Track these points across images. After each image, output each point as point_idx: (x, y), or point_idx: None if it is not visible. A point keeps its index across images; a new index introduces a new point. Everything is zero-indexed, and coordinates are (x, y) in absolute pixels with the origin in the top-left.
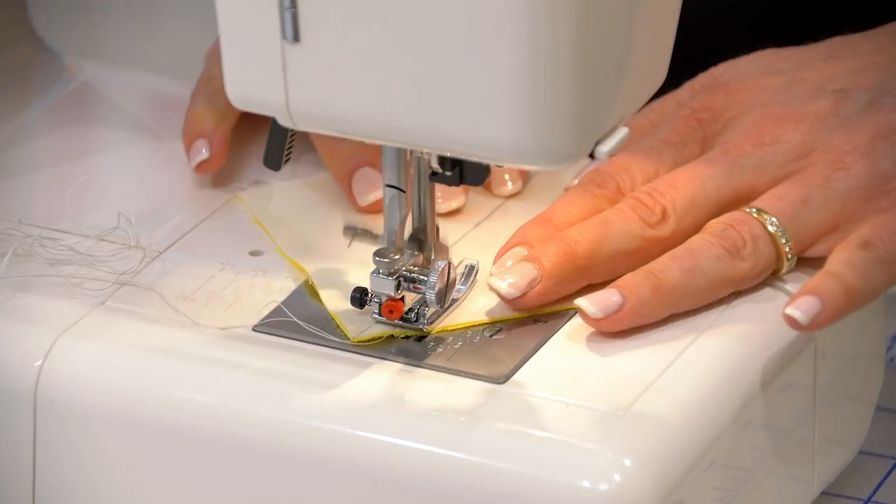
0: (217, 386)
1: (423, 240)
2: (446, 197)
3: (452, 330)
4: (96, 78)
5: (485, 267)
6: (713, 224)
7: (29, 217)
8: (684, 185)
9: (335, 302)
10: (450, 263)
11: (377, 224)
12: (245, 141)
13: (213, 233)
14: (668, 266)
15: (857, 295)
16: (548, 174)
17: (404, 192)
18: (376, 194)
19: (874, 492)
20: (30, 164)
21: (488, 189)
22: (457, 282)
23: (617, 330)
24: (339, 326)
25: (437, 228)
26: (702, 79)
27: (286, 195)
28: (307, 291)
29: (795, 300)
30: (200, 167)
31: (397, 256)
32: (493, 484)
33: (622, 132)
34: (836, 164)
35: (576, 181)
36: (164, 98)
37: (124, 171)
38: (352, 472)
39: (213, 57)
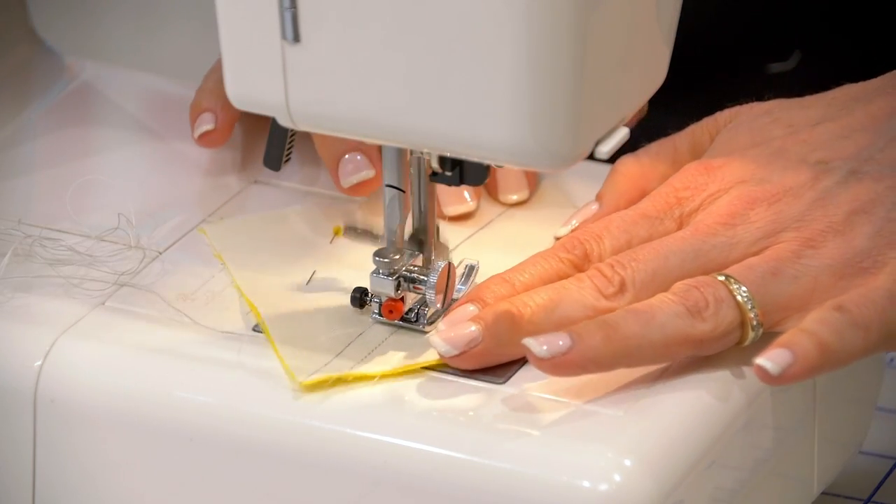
0: (217, 386)
1: (423, 240)
2: (454, 201)
3: (401, 374)
4: (96, 78)
5: (485, 268)
6: (678, 284)
7: (29, 217)
8: (648, 258)
9: (286, 343)
10: (450, 263)
11: (377, 224)
12: (246, 140)
13: None
14: (623, 317)
15: (831, 353)
16: (555, 179)
17: (404, 191)
18: (359, 176)
19: (874, 492)
20: (30, 164)
21: (494, 196)
22: (457, 282)
23: (563, 375)
24: (284, 369)
25: (438, 228)
26: (706, 125)
27: (251, 228)
28: (262, 331)
29: (767, 351)
30: (203, 138)
31: (397, 256)
32: (493, 484)
33: (622, 132)
34: (809, 241)
35: (564, 229)
36: (164, 98)
37: (124, 171)
38: (352, 472)
39: None
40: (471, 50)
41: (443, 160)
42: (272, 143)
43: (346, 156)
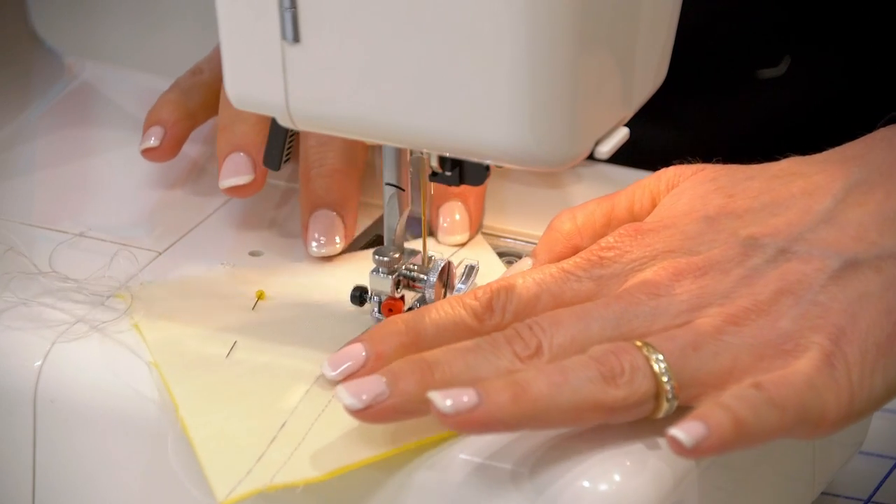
0: None
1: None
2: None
3: (330, 477)
4: (96, 78)
5: (484, 269)
6: (596, 347)
7: (29, 217)
8: (569, 323)
9: (207, 446)
10: (449, 262)
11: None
12: None
13: (213, 233)
14: (534, 377)
15: (745, 430)
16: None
17: (404, 190)
18: (234, 181)
19: (874, 492)
20: (30, 164)
21: (435, 236)
22: (456, 281)
23: (467, 433)
24: (207, 481)
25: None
26: (647, 185)
27: (173, 293)
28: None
29: (681, 423)
30: (146, 154)
31: (396, 255)
32: (493, 484)
33: (622, 132)
34: (732, 318)
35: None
36: None
37: (124, 171)
38: (352, 471)
39: (218, 48)
40: (470, 50)
41: (443, 160)
42: (272, 143)
43: (231, 155)
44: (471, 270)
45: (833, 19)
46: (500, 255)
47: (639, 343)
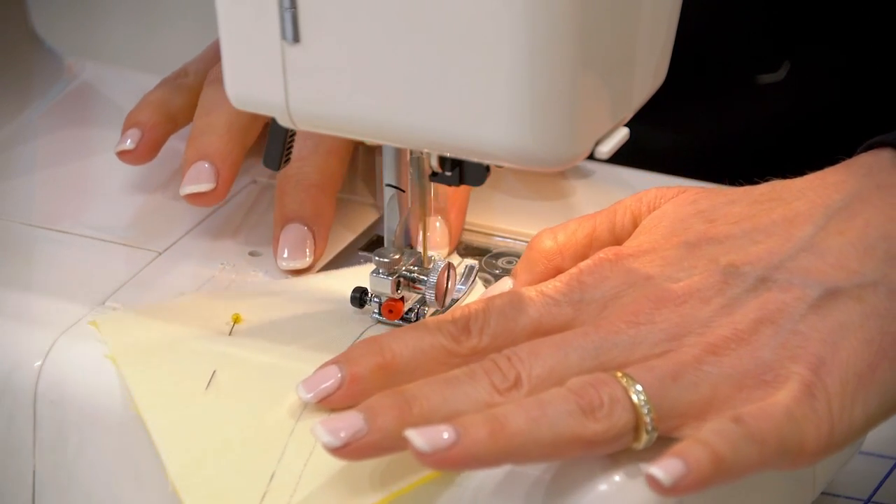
0: None
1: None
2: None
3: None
4: (96, 78)
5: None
6: (574, 380)
7: (29, 217)
8: (547, 354)
9: (191, 493)
10: (450, 263)
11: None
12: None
13: (213, 233)
14: (512, 412)
15: (725, 465)
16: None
17: (404, 191)
18: (196, 187)
19: (874, 492)
20: (30, 164)
21: (413, 245)
22: (457, 282)
23: (446, 470)
24: None
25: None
26: (629, 205)
27: (146, 321)
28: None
29: (660, 461)
30: (121, 156)
31: (397, 256)
32: (494, 484)
33: (622, 132)
34: (712, 348)
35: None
36: None
37: (124, 171)
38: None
39: (207, 52)
40: (470, 50)
41: (443, 160)
42: (271, 143)
43: (195, 164)
44: (471, 271)
45: (832, 25)
46: (497, 255)
47: (618, 374)
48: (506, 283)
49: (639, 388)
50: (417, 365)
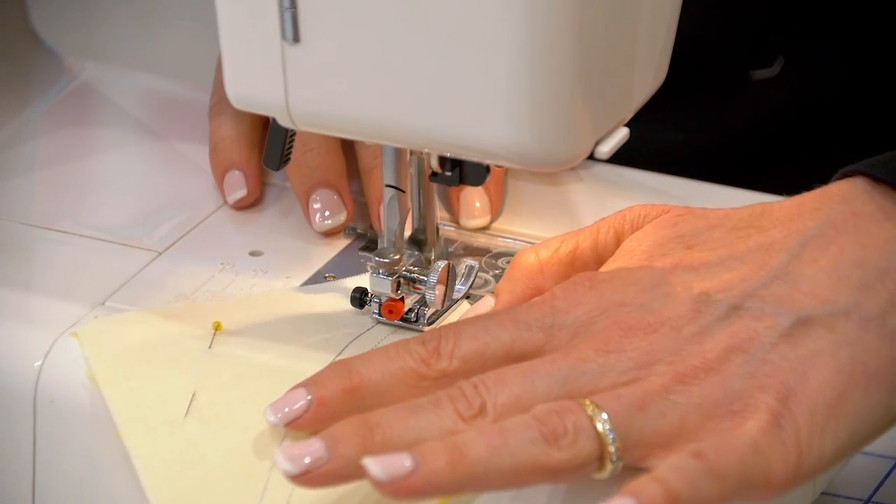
0: None
1: (422, 240)
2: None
3: None
4: (96, 78)
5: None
6: (539, 407)
7: (29, 217)
8: (514, 382)
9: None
10: (450, 263)
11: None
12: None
13: (213, 233)
14: (473, 439)
15: (681, 503)
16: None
17: (404, 191)
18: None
19: (874, 492)
20: (30, 164)
21: (456, 220)
22: (456, 282)
23: (405, 499)
24: None
25: (438, 229)
26: (612, 222)
27: (127, 334)
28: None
29: (614, 498)
30: (236, 204)
31: (397, 256)
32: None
33: (622, 132)
34: (681, 377)
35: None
36: (164, 98)
37: (124, 171)
38: None
39: (217, 74)
40: (470, 50)
41: (443, 160)
42: (271, 143)
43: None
44: (471, 271)
45: (826, 20)
46: (497, 255)
47: (584, 402)
48: (487, 302)
49: (604, 416)
50: (386, 389)
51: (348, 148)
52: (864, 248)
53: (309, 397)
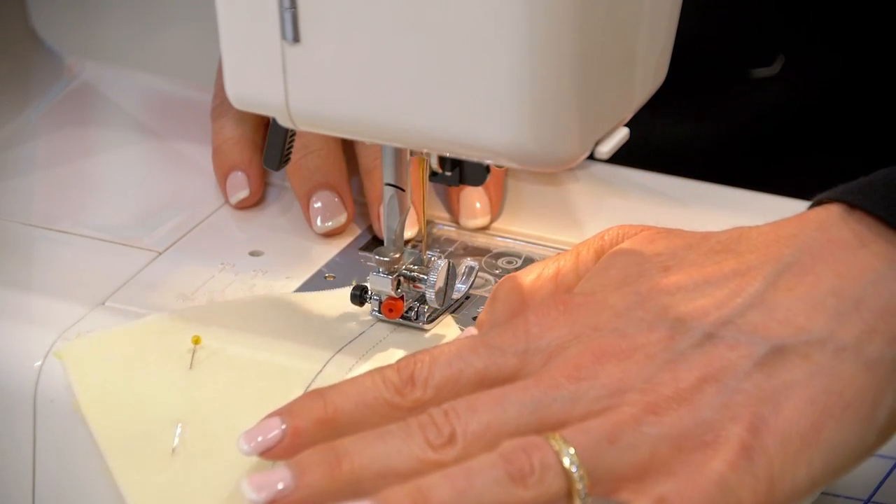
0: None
1: (421, 239)
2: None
3: None
4: (96, 78)
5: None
6: (506, 444)
7: (29, 217)
8: (485, 409)
9: None
10: (450, 262)
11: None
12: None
13: (213, 233)
14: (437, 483)
15: None
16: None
17: (404, 191)
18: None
19: (874, 492)
20: (30, 164)
21: (456, 220)
22: (456, 282)
23: None
24: None
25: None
26: (592, 244)
27: (111, 354)
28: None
29: None
30: (239, 205)
31: (397, 255)
32: None
33: (622, 132)
34: (652, 407)
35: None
36: (164, 98)
37: (124, 171)
38: None
39: (218, 77)
40: (470, 50)
41: (443, 160)
42: (271, 144)
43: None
44: (471, 271)
45: (827, 19)
46: (498, 255)
47: (552, 437)
48: (470, 333)
49: (571, 451)
50: (361, 418)
51: (348, 148)
52: (840, 276)
53: (283, 427)
